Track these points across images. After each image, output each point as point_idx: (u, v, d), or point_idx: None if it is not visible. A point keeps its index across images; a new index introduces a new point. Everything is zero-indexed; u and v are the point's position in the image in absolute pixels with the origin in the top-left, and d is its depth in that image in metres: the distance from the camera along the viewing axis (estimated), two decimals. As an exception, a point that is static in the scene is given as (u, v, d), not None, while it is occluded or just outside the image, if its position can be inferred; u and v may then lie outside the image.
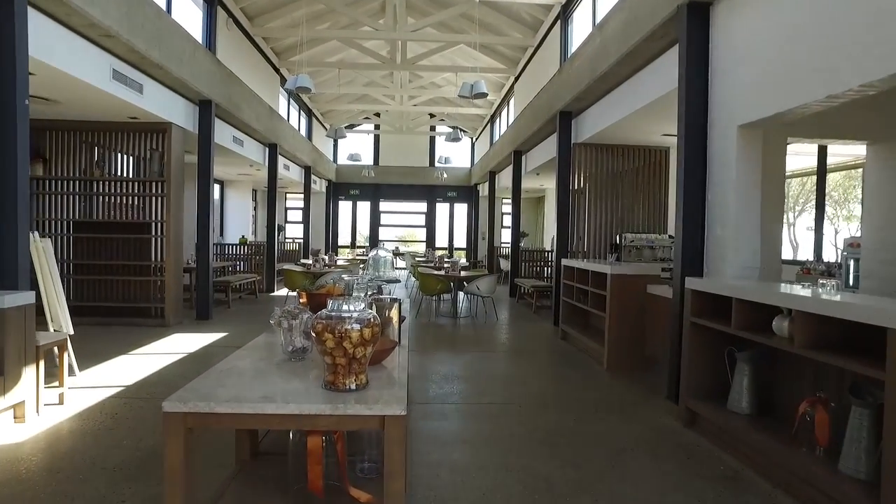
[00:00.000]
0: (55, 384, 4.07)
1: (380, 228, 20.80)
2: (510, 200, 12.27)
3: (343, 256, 16.12)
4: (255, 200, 16.47)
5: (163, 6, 6.93)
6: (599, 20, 6.72)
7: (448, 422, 3.91)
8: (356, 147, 19.90)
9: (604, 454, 3.36)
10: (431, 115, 18.87)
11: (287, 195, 19.15)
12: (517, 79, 12.97)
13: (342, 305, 2.08)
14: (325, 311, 2.08)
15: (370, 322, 2.04)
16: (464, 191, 20.47)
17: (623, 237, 8.26)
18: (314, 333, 2.03)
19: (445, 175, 19.83)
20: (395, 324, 2.89)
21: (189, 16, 8.23)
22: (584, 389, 4.85)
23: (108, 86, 5.77)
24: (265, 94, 10.88)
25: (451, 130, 12.75)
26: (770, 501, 2.82)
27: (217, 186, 14.52)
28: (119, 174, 7.59)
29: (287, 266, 9.66)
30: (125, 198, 7.71)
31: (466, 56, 13.37)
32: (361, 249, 19.03)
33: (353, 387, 2.02)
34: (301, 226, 16.50)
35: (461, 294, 9.53)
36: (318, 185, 17.78)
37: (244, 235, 12.99)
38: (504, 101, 15.17)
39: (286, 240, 18.14)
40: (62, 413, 3.82)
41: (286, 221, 19.31)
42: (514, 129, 11.75)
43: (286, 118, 13.39)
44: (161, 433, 2.12)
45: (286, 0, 10.51)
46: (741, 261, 4.03)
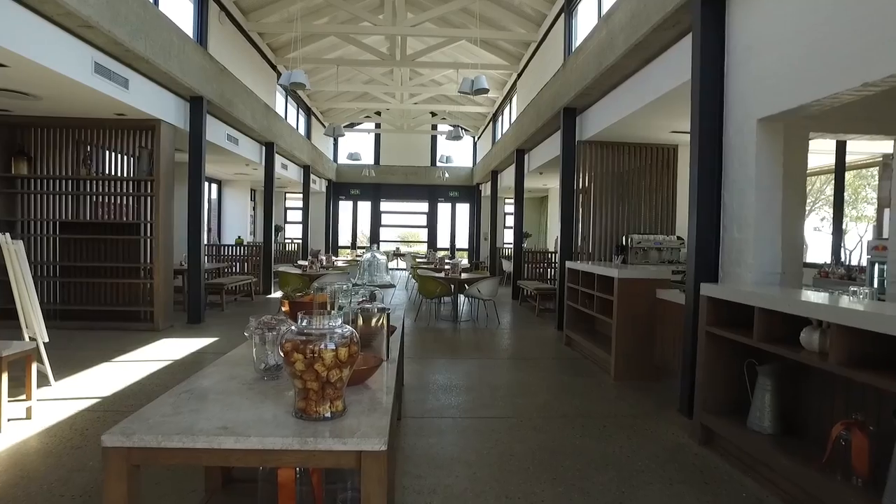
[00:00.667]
0: (22, 397, 3.80)
1: (381, 229, 20.52)
2: (513, 200, 11.99)
3: (343, 257, 15.85)
4: (254, 200, 16.23)
5: (151, -2, 6.67)
6: (606, 11, 6.42)
7: (444, 438, 3.63)
8: (356, 146, 19.65)
9: (614, 478, 3.07)
10: (433, 114, 18.59)
11: (287, 195, 18.91)
12: (520, 75, 12.68)
13: (315, 321, 1.81)
14: (294, 328, 1.81)
15: (347, 340, 1.77)
16: (466, 190, 20.18)
17: (630, 238, 7.97)
18: (282, 353, 1.76)
19: (447, 175, 19.55)
20: (384, 336, 2.62)
21: (178, 8, 7.96)
22: (591, 402, 4.56)
23: (90, 80, 5.50)
24: (261, 92, 10.61)
25: (452, 129, 12.46)
26: (800, 535, 2.53)
27: (214, 186, 14.27)
28: (107, 173, 7.34)
29: (282, 268, 9.39)
30: (113, 197, 7.45)
31: (467, 52, 13.09)
32: (362, 250, 18.76)
33: (328, 415, 1.75)
34: (301, 226, 16.25)
35: (462, 297, 9.24)
36: (318, 185, 17.51)
37: (240, 236, 12.72)
38: (506, 99, 14.88)
39: (285, 240, 17.89)
40: (28, 429, 3.54)
41: (286, 222, 19.05)
42: (517, 127, 11.46)
43: (284, 116, 13.13)
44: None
45: (282, -6, 10.27)
46: (761, 265, 3.74)
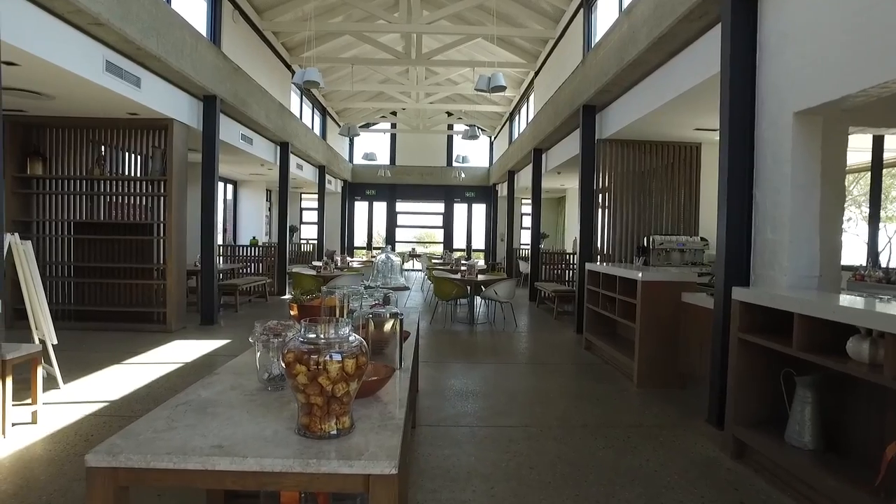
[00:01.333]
0: (28, 401, 3.71)
1: (396, 229, 20.42)
2: (530, 200, 11.79)
3: (359, 258, 15.76)
4: (270, 201, 16.20)
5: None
6: (627, 4, 6.21)
7: (460, 449, 3.46)
8: (372, 146, 19.56)
9: (641, 494, 2.88)
10: (449, 114, 18.45)
11: (302, 195, 18.88)
12: (537, 73, 12.47)
13: (320, 329, 1.66)
14: (297, 337, 1.66)
15: (356, 351, 1.62)
16: (482, 191, 20.00)
17: (651, 239, 7.73)
18: (284, 364, 1.61)
19: (463, 175, 19.40)
20: (397, 343, 2.47)
21: (191, 7, 7.89)
22: (614, 410, 4.36)
23: (102, 78, 5.43)
24: (276, 91, 10.54)
25: (469, 128, 12.29)
26: (848, 563, 2.32)
27: (230, 187, 14.26)
28: (120, 173, 7.30)
29: (296, 269, 9.30)
30: (126, 198, 7.41)
31: (484, 50, 12.91)
32: (378, 251, 18.67)
33: (334, 432, 1.59)
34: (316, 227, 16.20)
35: (478, 299, 9.06)
36: (334, 185, 17.45)
37: (255, 237, 12.68)
38: (523, 98, 14.67)
39: (301, 241, 17.86)
40: (32, 434, 3.45)
41: (301, 222, 19.03)
42: (534, 126, 11.26)
43: (299, 116, 13.06)
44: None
45: (297, -7, 10.19)
46: (797, 268, 3.51)
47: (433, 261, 13.86)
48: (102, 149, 7.19)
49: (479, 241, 20.68)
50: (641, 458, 3.37)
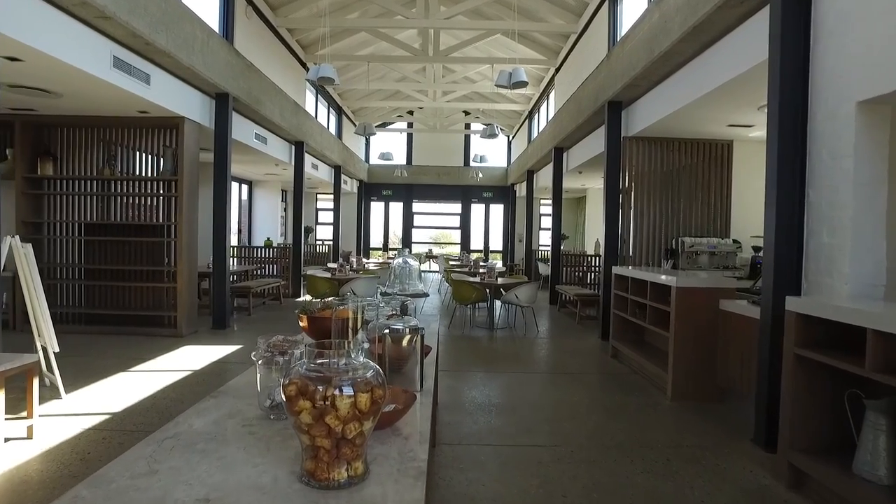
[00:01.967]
0: (23, 414, 3.50)
1: (413, 230, 20.18)
2: (549, 201, 11.46)
3: (375, 259, 15.54)
4: (285, 201, 16.05)
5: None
6: (658, -7, 5.87)
7: (485, 473, 3.17)
8: (388, 146, 19.34)
9: (689, 531, 2.57)
10: (466, 113, 18.16)
11: (318, 196, 18.73)
12: (558, 70, 12.13)
13: (329, 355, 1.40)
14: (301, 364, 1.39)
15: (371, 382, 1.34)
16: (500, 191, 19.67)
17: (680, 242, 7.36)
18: (284, 398, 1.34)
19: (481, 175, 19.09)
20: (417, 360, 2.19)
21: (203, 1, 7.68)
22: (649, 427, 4.03)
23: (109, 75, 5.23)
24: (290, 90, 10.34)
25: (487, 126, 11.98)
26: None
27: (245, 187, 14.12)
28: (131, 173, 7.12)
29: (310, 271, 9.07)
30: (137, 198, 7.23)
31: (502, 47, 12.61)
32: (394, 252, 18.44)
33: (344, 480, 1.31)
34: (332, 227, 16.01)
35: (498, 302, 8.75)
36: (350, 186, 17.26)
37: (269, 238, 12.51)
38: (543, 95, 14.33)
39: (316, 242, 17.70)
40: (26, 451, 3.22)
41: (317, 223, 18.88)
42: (555, 125, 10.92)
43: (314, 115, 12.86)
44: None
45: (311, -11, 9.98)
46: (859, 275, 3.16)
47: (450, 262, 13.58)
48: (112, 148, 7.01)
49: (497, 242, 20.35)
50: (684, 485, 3.05)
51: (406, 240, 19.90)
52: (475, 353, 6.56)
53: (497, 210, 20.21)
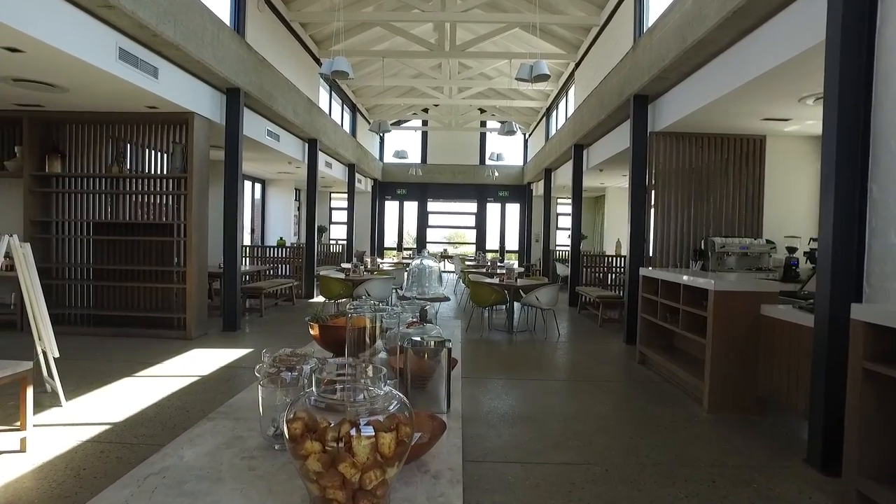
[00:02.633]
0: (17, 425, 3.27)
1: (427, 230, 19.91)
2: (567, 200, 11.13)
3: (389, 259, 15.30)
4: (299, 200, 15.88)
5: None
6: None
7: (513, 496, 2.87)
8: (403, 145, 19.09)
9: (750, 571, 2.26)
10: (482, 111, 17.85)
11: (332, 195, 18.55)
12: (577, 65, 11.77)
13: (343, 385, 1.14)
14: (308, 396, 1.13)
15: (397, 419, 1.07)
16: (516, 190, 19.33)
17: (709, 242, 7.01)
18: (288, 439, 1.08)
19: (497, 173, 18.78)
20: (443, 377, 1.91)
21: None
22: (688, 443, 3.71)
23: (115, 67, 5.01)
24: (303, 86, 10.11)
25: (505, 124, 11.67)
26: None
27: (258, 186, 13.96)
28: (140, 170, 6.92)
29: (324, 271, 8.84)
30: (145, 196, 7.05)
31: (520, 41, 12.28)
32: (408, 252, 18.19)
33: (361, 537, 1.03)
34: (346, 227, 15.81)
35: (516, 304, 8.46)
36: (364, 185, 17.03)
37: (282, 237, 12.32)
38: (562, 92, 13.97)
39: (330, 241, 17.51)
40: (18, 466, 2.99)
41: (331, 222, 18.70)
42: (575, 121, 10.59)
43: (328, 112, 12.63)
44: None
45: (326, -18, 9.73)
46: (933, 280, 2.83)
47: (466, 262, 13.30)
48: (120, 145, 6.82)
49: (513, 242, 20.02)
50: (736, 513, 2.74)
51: (420, 240, 19.65)
52: (495, 359, 6.27)
53: (513, 209, 19.88)
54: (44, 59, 4.65)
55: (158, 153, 6.88)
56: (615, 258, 11.05)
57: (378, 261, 11.81)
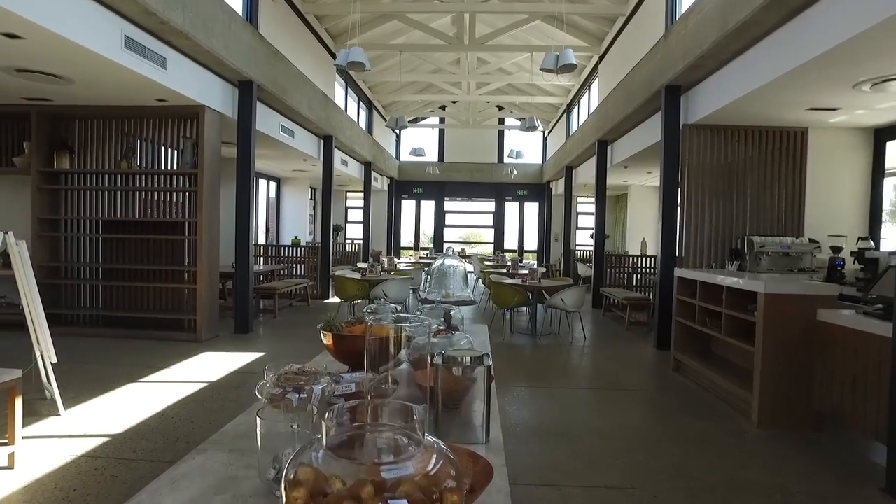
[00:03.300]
0: (5, 440, 3.00)
1: (444, 229, 19.58)
2: (588, 198, 10.72)
3: (406, 259, 15.00)
4: (314, 199, 15.64)
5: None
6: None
7: (551, 527, 2.54)
8: (420, 143, 18.79)
9: None
10: (500, 108, 17.48)
11: (347, 193, 18.31)
12: (601, 58, 11.37)
13: (370, 428, 0.81)
14: (315, 447, 0.80)
15: (438, 482, 0.74)
16: (535, 188, 18.92)
17: (747, 241, 6.58)
18: (284, 498, 0.75)
19: (515, 172, 18.39)
20: (481, 399, 1.59)
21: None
22: (742, 464, 3.34)
23: (120, 56, 4.76)
24: (319, 81, 9.83)
25: (526, 119, 11.30)
26: None
27: (273, 184, 13.74)
28: (149, 166, 6.67)
29: (339, 271, 8.55)
30: (154, 193, 6.81)
31: (541, 34, 11.90)
32: (425, 251, 17.87)
33: None
34: (362, 226, 15.54)
35: (539, 306, 8.09)
36: (380, 183, 16.75)
37: (296, 236, 12.07)
38: (584, 86, 13.55)
39: (346, 241, 17.26)
40: (2, 485, 2.72)
41: (346, 221, 18.46)
42: (599, 116, 10.19)
43: (343, 108, 12.36)
44: None
45: (341, -27, 9.45)
46: None
47: (485, 262, 12.96)
48: (130, 140, 6.59)
49: (531, 242, 19.61)
50: (810, 552, 2.37)
51: (437, 239, 19.33)
52: (520, 364, 5.93)
53: (532, 208, 19.47)
54: (45, 47, 4.40)
55: (168, 149, 6.64)
56: (640, 258, 10.63)
57: (395, 260, 11.51)
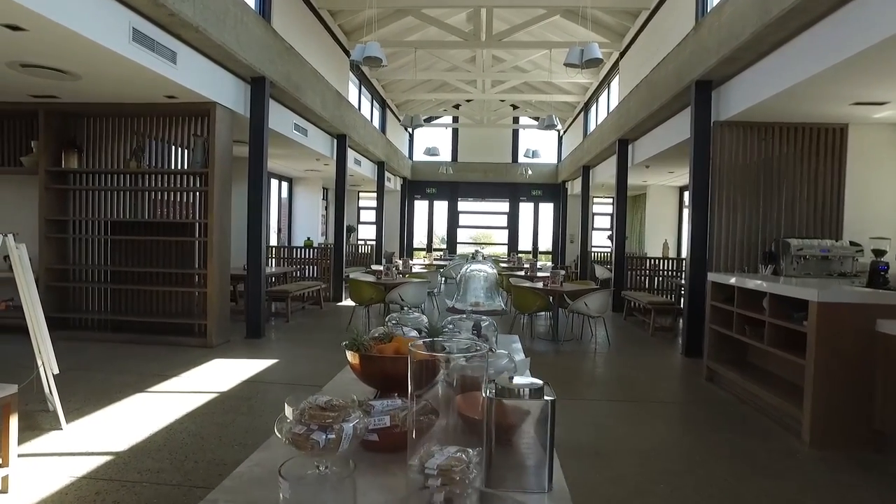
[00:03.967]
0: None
1: (458, 230, 19.30)
2: (605, 198, 10.39)
3: (419, 260, 14.74)
4: (327, 199, 15.43)
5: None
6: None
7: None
8: (433, 142, 18.53)
9: None
10: (514, 107, 17.17)
11: (360, 194, 18.09)
12: (622, 55, 11.04)
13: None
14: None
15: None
16: (550, 189, 18.58)
17: (783, 244, 6.24)
18: None
19: (530, 172, 18.07)
20: (543, 446, 1.31)
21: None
22: (801, 490, 3.03)
23: (128, 50, 4.54)
24: (332, 79, 9.60)
25: (545, 117, 10.99)
26: None
27: (285, 184, 13.54)
28: (158, 166, 6.46)
29: (353, 274, 8.30)
30: (164, 194, 6.61)
31: (559, 30, 11.60)
32: (438, 253, 17.60)
33: None
34: (374, 227, 15.32)
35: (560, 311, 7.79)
36: (393, 184, 16.51)
37: (309, 237, 11.86)
38: (603, 84, 13.22)
39: (358, 242, 17.04)
40: (-6, 514, 2.51)
41: (359, 222, 18.24)
42: (620, 114, 9.87)
43: (357, 107, 12.13)
44: None
45: (356, -32, 9.21)
46: None
47: (500, 264, 12.67)
48: (139, 139, 6.38)
49: (546, 243, 19.28)
50: None
51: (451, 241, 19.06)
52: (544, 373, 5.55)
53: (547, 209, 19.13)
54: (49, 40, 4.19)
55: (178, 148, 6.43)
56: (662, 261, 10.29)
57: (410, 263, 11.26)
